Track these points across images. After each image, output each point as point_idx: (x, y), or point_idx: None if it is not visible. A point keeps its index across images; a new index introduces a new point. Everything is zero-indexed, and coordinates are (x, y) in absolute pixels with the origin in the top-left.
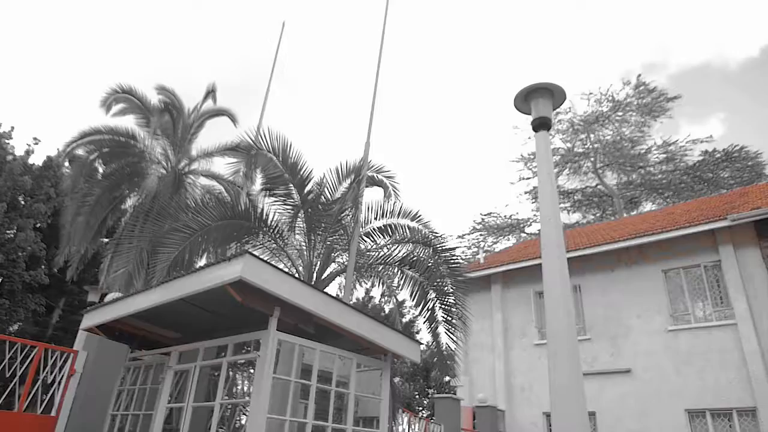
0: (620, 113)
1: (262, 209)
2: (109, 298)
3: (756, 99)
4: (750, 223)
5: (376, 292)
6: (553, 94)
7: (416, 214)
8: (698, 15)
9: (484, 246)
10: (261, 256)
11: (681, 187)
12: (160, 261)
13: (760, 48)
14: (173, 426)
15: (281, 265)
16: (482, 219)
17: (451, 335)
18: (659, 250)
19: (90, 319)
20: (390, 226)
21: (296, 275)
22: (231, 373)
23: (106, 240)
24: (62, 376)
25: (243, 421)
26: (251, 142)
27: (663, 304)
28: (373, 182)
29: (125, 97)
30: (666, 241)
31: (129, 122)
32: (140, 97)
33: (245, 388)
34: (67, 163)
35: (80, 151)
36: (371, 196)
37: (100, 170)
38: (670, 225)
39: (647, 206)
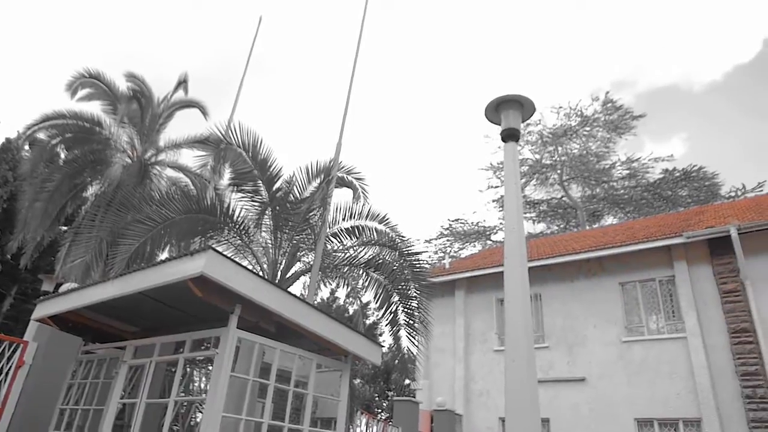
0: (588, 128)
1: (229, 204)
2: (64, 288)
3: (717, 122)
4: (704, 241)
5: (341, 293)
6: (522, 106)
7: (384, 217)
8: (667, 38)
9: (450, 251)
10: (225, 253)
11: (641, 203)
12: (120, 252)
13: (724, 73)
14: (125, 422)
15: (245, 263)
16: (450, 225)
17: (413, 339)
18: (618, 263)
19: (43, 309)
20: (357, 227)
21: (260, 273)
22: (189, 369)
23: (64, 228)
24: (10, 367)
25: (198, 419)
26: (221, 135)
27: (619, 316)
28: (342, 183)
29: (92, 82)
30: (624, 255)
31: (95, 108)
32: (108, 83)
33: (202, 386)
34: (27, 147)
35: (42, 135)
36: (340, 197)
37: (62, 156)
38: (629, 239)
39: (609, 220)
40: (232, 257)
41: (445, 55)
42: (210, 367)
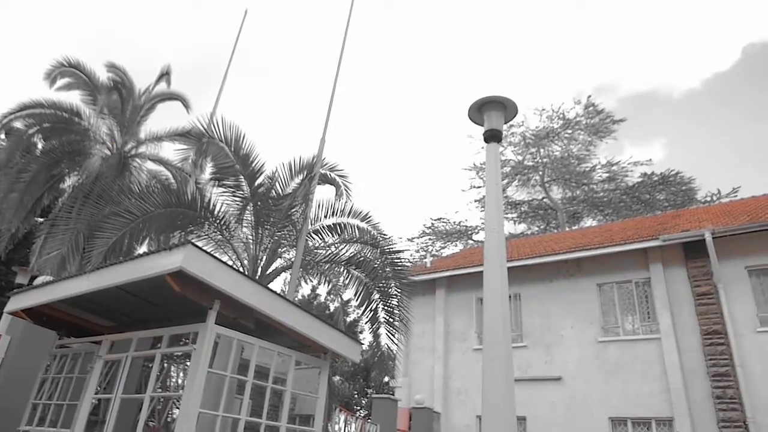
0: (569, 131)
1: (210, 199)
2: (39, 280)
3: (695, 128)
4: (679, 244)
5: (323, 290)
6: (505, 107)
7: (366, 214)
8: (648, 45)
9: (432, 250)
10: (205, 248)
11: (620, 206)
12: (98, 246)
13: (702, 80)
14: (99, 418)
15: (226, 258)
16: (432, 223)
17: (392, 337)
18: (595, 265)
19: (17, 302)
20: (339, 225)
21: (240, 269)
22: (166, 365)
23: (40, 219)
24: None
25: (176, 415)
26: (203, 129)
27: (595, 316)
28: (325, 180)
29: (72, 72)
30: (602, 257)
31: (74, 98)
32: (88, 73)
33: (180, 382)
34: (2, 136)
35: (18, 124)
36: (323, 194)
37: (39, 146)
38: (607, 241)
39: (588, 222)
40: (212, 252)
41: (431, 54)
42: (188, 363)
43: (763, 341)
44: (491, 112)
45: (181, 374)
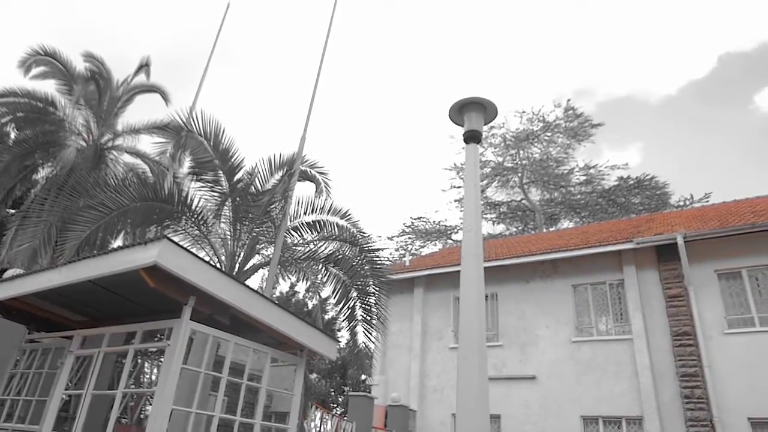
0: (549, 134)
1: (187, 194)
2: (9, 273)
3: (670, 133)
4: (652, 247)
5: (301, 288)
6: (485, 109)
7: (346, 212)
8: (627, 51)
9: (411, 249)
10: (182, 243)
11: (596, 209)
12: (71, 239)
13: (678, 87)
14: (70, 414)
15: (203, 254)
16: (412, 222)
17: (369, 335)
18: (571, 266)
19: None
20: (319, 222)
21: (217, 265)
22: (140, 361)
23: (12, 211)
24: None
25: (149, 412)
26: (182, 123)
27: (570, 317)
28: (305, 177)
29: (47, 61)
30: (577, 258)
31: (50, 88)
32: (64, 62)
33: (154, 378)
34: None
35: None
36: (303, 190)
37: (12, 135)
38: (583, 243)
39: (565, 224)
40: (189, 248)
41: (414, 54)
42: (162, 359)
43: (731, 343)
44: (471, 113)
45: (156, 370)
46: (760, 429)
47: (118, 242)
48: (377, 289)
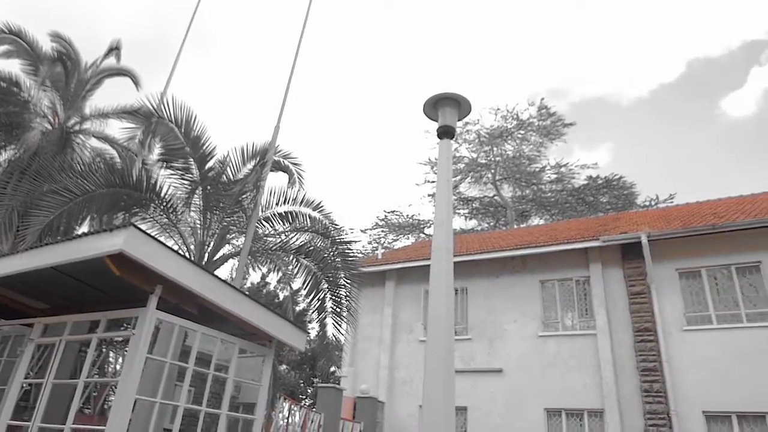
0: (522, 131)
1: (156, 181)
2: None
3: (640, 135)
4: (618, 246)
5: (273, 279)
6: (460, 104)
7: (319, 204)
8: (600, 53)
9: (384, 242)
10: (149, 231)
11: (566, 207)
12: (33, 224)
13: (649, 90)
14: (29, 403)
15: (171, 242)
16: (386, 216)
17: (339, 327)
18: (539, 262)
19: None
20: (291, 213)
21: (186, 254)
22: (105, 350)
23: None
24: None
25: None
26: (152, 108)
27: (537, 312)
28: (278, 167)
29: (12, 39)
30: (546, 255)
31: (14, 67)
32: (30, 41)
33: (119, 367)
34: None
35: None
36: (275, 181)
37: None
38: (551, 240)
39: (535, 221)
40: (157, 236)
41: (392, 47)
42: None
43: (689, 339)
44: (446, 109)
45: (121, 360)
46: (713, 421)
47: (83, 229)
48: (348, 281)
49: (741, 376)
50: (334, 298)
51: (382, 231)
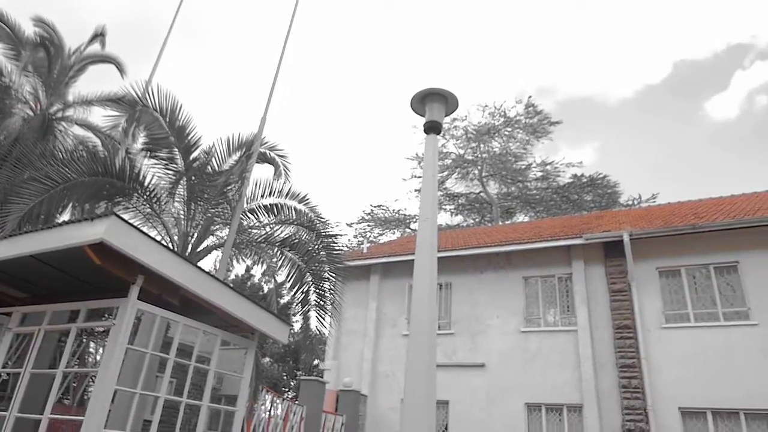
0: (509, 129)
1: (140, 170)
2: None
3: (625, 135)
4: (600, 244)
5: (257, 271)
6: (447, 100)
7: (304, 196)
8: (588, 53)
9: (370, 236)
10: (132, 221)
11: (551, 204)
12: (13, 212)
13: (635, 90)
14: (7, 393)
15: (154, 233)
16: (372, 210)
17: (322, 320)
18: (523, 259)
19: None
20: (276, 205)
21: (169, 245)
22: (86, 341)
23: None
24: None
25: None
26: (137, 97)
27: (520, 308)
28: (264, 159)
29: None
30: (530, 251)
31: None
32: (11, 25)
33: (99, 358)
34: None
35: None
36: (261, 173)
37: None
38: (535, 237)
39: (520, 217)
40: (140, 226)
41: (381, 43)
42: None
43: (667, 336)
44: (433, 104)
45: (101, 351)
46: (689, 417)
47: (64, 217)
48: (333, 274)
49: (716, 373)
50: (318, 291)
51: (368, 225)
